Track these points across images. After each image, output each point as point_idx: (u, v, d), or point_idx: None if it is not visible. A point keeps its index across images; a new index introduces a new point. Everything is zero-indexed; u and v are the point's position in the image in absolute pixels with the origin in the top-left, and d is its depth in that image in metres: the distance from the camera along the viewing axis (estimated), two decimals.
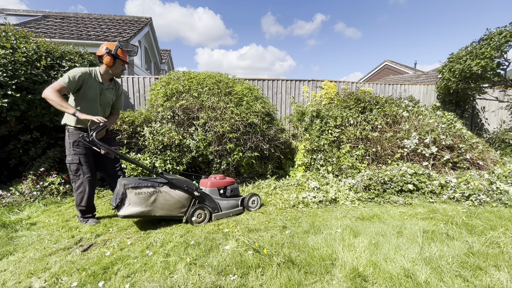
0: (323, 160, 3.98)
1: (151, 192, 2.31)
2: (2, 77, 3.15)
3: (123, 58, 2.52)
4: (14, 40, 3.52)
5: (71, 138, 2.44)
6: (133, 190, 2.25)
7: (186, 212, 2.49)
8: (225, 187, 2.85)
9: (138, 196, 2.26)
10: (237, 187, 2.92)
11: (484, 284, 1.52)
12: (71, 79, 2.33)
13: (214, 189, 2.74)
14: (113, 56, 2.46)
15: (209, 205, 2.58)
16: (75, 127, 2.46)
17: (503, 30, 4.65)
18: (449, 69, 5.38)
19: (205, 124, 3.81)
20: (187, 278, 1.59)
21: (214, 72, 4.44)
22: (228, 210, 2.72)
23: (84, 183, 2.48)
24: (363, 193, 3.29)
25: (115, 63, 2.50)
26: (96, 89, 2.50)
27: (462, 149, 4.01)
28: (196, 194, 2.51)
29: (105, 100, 2.61)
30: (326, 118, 4.27)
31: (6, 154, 3.79)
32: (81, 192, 2.49)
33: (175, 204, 2.43)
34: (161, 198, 2.35)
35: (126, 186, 2.24)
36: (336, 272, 1.66)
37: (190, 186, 2.52)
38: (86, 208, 2.54)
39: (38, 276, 1.65)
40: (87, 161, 2.50)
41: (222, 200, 2.70)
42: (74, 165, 2.45)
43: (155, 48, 11.51)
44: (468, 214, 2.65)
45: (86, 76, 2.43)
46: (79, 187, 2.48)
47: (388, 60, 16.66)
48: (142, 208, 2.27)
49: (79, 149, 2.46)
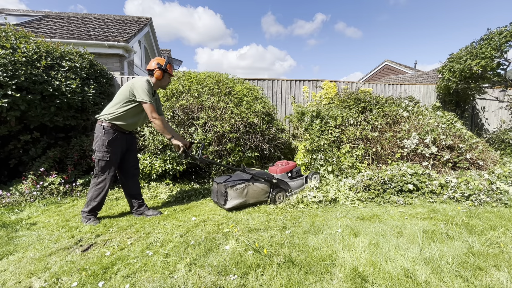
0: (323, 160, 3.98)
1: (243, 187, 2.87)
2: (2, 77, 3.15)
3: (170, 72, 2.79)
4: (14, 40, 3.52)
5: (107, 136, 2.50)
6: (231, 188, 2.80)
7: (269, 196, 3.07)
8: (291, 170, 3.38)
9: (235, 191, 2.82)
10: (299, 169, 3.48)
11: (484, 284, 1.52)
12: (149, 93, 2.52)
13: (283, 174, 3.29)
14: (163, 71, 2.69)
15: (284, 187, 3.15)
16: (112, 125, 2.53)
17: (503, 30, 4.65)
18: (449, 69, 5.38)
19: (205, 124, 3.81)
20: (187, 278, 1.59)
21: (214, 72, 4.45)
22: (298, 188, 3.29)
23: (106, 179, 2.58)
24: (363, 193, 3.29)
25: (164, 77, 2.74)
26: (156, 97, 2.79)
27: (462, 149, 4.01)
28: (274, 182, 3.05)
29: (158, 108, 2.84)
30: (326, 118, 4.27)
31: (6, 154, 3.79)
32: (101, 187, 2.57)
33: (261, 192, 3.00)
34: (251, 190, 2.93)
35: (226, 186, 2.80)
36: (336, 272, 1.66)
37: (268, 176, 3.05)
38: (98, 203, 2.59)
39: (38, 276, 1.65)
40: (116, 160, 2.61)
41: (291, 182, 3.28)
42: (103, 162, 2.52)
43: (155, 48, 11.51)
44: (468, 214, 2.65)
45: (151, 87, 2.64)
46: (100, 182, 2.57)
47: (388, 60, 16.65)
48: (240, 200, 2.85)
49: (113, 148, 2.53)
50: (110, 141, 2.51)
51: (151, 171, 3.70)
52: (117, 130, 2.56)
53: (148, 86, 2.53)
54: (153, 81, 2.69)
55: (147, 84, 2.52)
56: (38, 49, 3.66)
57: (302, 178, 3.42)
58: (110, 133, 2.51)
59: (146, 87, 2.50)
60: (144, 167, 3.64)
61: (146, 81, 2.55)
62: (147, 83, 2.54)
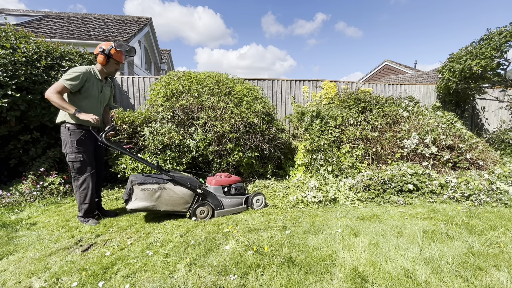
0: (323, 160, 3.98)
1: (155, 188, 2.44)
2: (2, 77, 3.15)
3: (116, 58, 2.55)
4: (14, 40, 3.52)
5: (74, 136, 2.43)
6: (139, 186, 2.40)
7: (190, 208, 2.60)
8: (230, 185, 2.89)
9: (144, 192, 2.41)
10: (241, 186, 2.95)
11: (484, 284, 1.52)
12: (75, 79, 2.36)
13: (218, 187, 2.79)
14: (107, 56, 2.50)
15: (212, 202, 2.67)
16: (77, 125, 2.45)
17: (503, 30, 4.65)
18: (449, 69, 5.38)
19: (205, 124, 3.81)
20: (187, 278, 1.59)
21: (214, 72, 4.44)
22: (231, 208, 2.78)
23: (87, 178, 2.50)
24: (363, 193, 3.29)
25: (108, 62, 2.54)
26: (97, 86, 2.57)
27: (462, 149, 4.01)
28: (199, 192, 2.60)
29: (104, 97, 2.69)
30: (326, 118, 4.27)
31: (6, 154, 3.79)
32: (85, 188, 2.50)
33: (179, 200, 2.54)
34: (165, 194, 2.49)
35: (133, 182, 2.40)
36: (336, 272, 1.66)
37: (193, 183, 2.61)
38: (90, 204, 2.53)
39: (38, 276, 1.65)
40: (90, 157, 2.53)
41: (226, 198, 2.77)
42: (78, 163, 2.46)
43: (155, 48, 11.51)
44: (468, 214, 2.65)
45: (87, 74, 2.46)
46: (82, 183, 2.49)
47: (388, 60, 16.66)
48: (147, 203, 2.43)
49: (82, 147, 2.46)
50: (78, 140, 2.44)
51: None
52: (82, 128, 2.46)
53: (76, 70, 2.38)
54: (99, 68, 2.55)
55: (75, 69, 2.39)
56: (38, 49, 3.66)
57: (242, 197, 2.88)
58: (76, 133, 2.44)
59: (72, 70, 2.37)
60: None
61: (78, 66, 2.47)
62: (77, 68, 2.41)
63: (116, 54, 2.54)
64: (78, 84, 2.38)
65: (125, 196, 2.44)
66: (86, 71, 2.45)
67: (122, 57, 2.61)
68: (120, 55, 2.59)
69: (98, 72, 2.57)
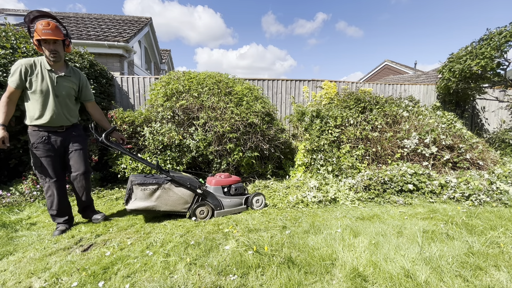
0: (323, 160, 3.98)
1: (155, 188, 2.45)
2: (2, 77, 3.15)
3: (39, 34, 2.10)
4: (14, 40, 3.52)
5: (31, 139, 2.24)
6: (139, 186, 2.41)
7: (190, 208, 2.60)
8: (230, 186, 2.88)
9: (143, 192, 2.42)
10: (241, 186, 2.94)
11: (484, 284, 1.52)
12: (13, 74, 2.13)
13: (218, 187, 2.79)
14: (37, 41, 2.17)
15: (212, 202, 2.67)
16: (34, 126, 2.23)
17: (503, 30, 4.65)
18: (449, 69, 5.38)
19: (205, 124, 3.81)
20: (187, 278, 1.59)
21: (214, 72, 4.44)
22: (230, 208, 2.78)
23: (51, 187, 2.30)
24: (363, 193, 3.29)
25: (41, 46, 2.20)
26: (47, 78, 2.23)
27: (462, 149, 4.01)
28: (198, 192, 2.60)
29: (62, 91, 2.30)
30: (326, 118, 4.27)
31: (6, 154, 3.79)
32: (50, 196, 2.32)
33: (178, 200, 2.55)
34: (165, 195, 2.49)
35: (133, 182, 2.40)
36: (336, 272, 1.66)
37: (193, 183, 2.61)
38: (57, 211, 2.37)
39: (38, 276, 1.65)
40: (50, 163, 2.28)
41: (226, 198, 2.77)
42: (38, 168, 2.27)
43: (155, 48, 11.51)
44: (468, 214, 2.65)
45: (27, 66, 2.17)
46: (47, 190, 2.32)
47: (388, 60, 16.67)
48: (147, 203, 2.43)
49: (39, 151, 2.23)
50: (34, 143, 2.22)
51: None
52: (40, 130, 2.24)
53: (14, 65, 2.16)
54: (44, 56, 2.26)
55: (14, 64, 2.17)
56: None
57: (241, 198, 2.87)
58: (33, 136, 2.24)
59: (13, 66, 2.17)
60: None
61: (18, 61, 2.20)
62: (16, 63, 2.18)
63: (35, 33, 2.14)
64: (19, 80, 2.14)
65: (125, 197, 2.46)
66: (25, 63, 2.17)
67: (41, 32, 2.11)
68: (38, 32, 2.12)
69: (47, 62, 2.26)
